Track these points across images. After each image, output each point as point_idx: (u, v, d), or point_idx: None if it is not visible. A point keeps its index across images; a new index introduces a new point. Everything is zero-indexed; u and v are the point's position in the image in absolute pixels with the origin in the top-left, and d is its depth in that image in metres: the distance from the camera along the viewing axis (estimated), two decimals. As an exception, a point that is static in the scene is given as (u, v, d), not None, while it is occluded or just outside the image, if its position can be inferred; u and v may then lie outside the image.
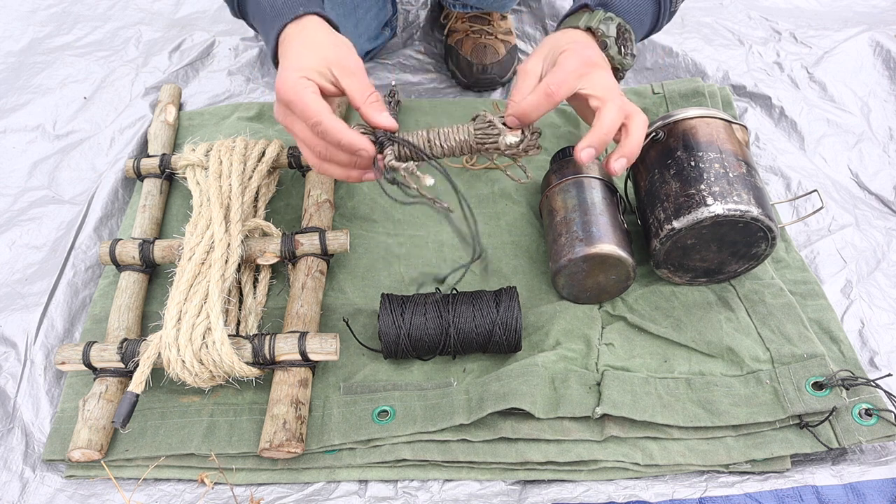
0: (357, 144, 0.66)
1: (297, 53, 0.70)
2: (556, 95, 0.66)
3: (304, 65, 0.68)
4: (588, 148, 0.68)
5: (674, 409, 0.75)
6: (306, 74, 0.68)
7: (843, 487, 0.70)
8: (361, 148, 0.66)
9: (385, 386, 0.79)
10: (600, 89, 0.69)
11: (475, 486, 0.73)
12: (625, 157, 0.71)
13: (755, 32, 1.29)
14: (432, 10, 1.31)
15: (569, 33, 0.75)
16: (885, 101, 1.15)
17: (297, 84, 0.67)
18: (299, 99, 0.66)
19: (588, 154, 0.68)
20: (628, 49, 0.76)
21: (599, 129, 0.68)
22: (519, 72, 0.72)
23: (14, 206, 1.00)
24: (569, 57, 0.68)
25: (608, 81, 0.70)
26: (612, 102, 0.68)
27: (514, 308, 0.78)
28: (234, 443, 0.74)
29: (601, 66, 0.71)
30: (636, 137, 0.70)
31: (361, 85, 0.69)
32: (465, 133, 0.69)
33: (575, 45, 0.70)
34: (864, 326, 0.85)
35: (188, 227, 0.84)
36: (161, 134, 1.06)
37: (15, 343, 0.83)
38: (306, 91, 0.66)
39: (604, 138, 0.68)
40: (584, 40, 0.73)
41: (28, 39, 1.27)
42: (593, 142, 0.68)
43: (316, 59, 0.69)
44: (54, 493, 0.72)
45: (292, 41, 0.72)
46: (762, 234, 0.79)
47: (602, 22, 0.74)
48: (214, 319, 0.74)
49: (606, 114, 0.68)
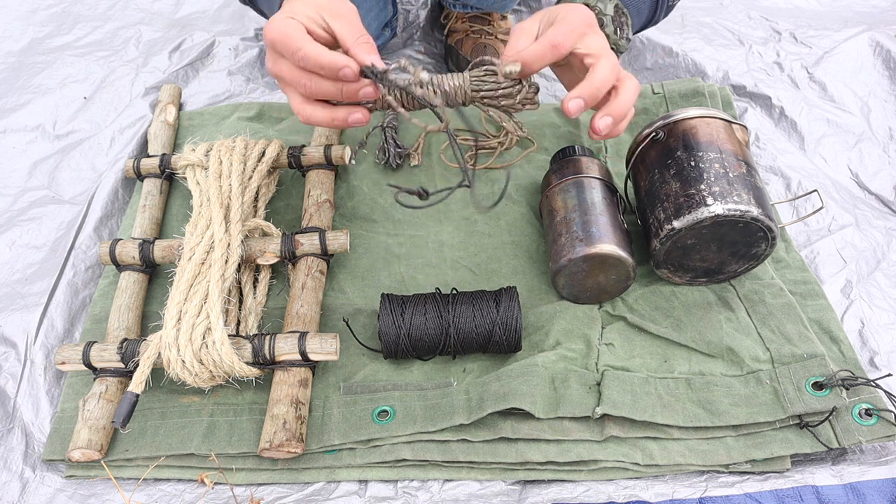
0: (339, 62, 0.63)
1: (291, 4, 0.69)
2: (561, 47, 0.65)
3: (294, 10, 0.67)
4: (577, 98, 0.67)
5: (674, 409, 0.75)
6: (294, 16, 0.67)
7: (843, 487, 0.70)
8: (344, 65, 0.63)
9: (385, 386, 0.79)
10: (596, 48, 0.68)
11: (475, 486, 0.73)
12: (610, 116, 0.69)
13: (755, 32, 1.29)
14: (432, 10, 1.31)
15: (566, 5, 0.74)
16: (885, 101, 1.15)
17: (283, 23, 0.66)
18: (283, 34, 0.65)
19: (576, 105, 0.67)
20: (624, 32, 0.76)
21: (591, 83, 0.66)
22: (515, 29, 0.72)
23: (14, 206, 1.00)
24: (570, 14, 0.68)
25: (604, 43, 0.69)
26: (606, 59, 0.67)
27: (514, 308, 0.78)
28: (234, 443, 0.74)
29: (598, 30, 0.71)
30: (625, 97, 0.69)
31: (352, 27, 0.67)
32: (461, 79, 0.67)
33: (574, 8, 0.70)
34: (864, 326, 0.85)
35: (188, 227, 0.84)
36: (161, 134, 1.06)
37: (15, 343, 0.83)
38: (289, 27, 0.65)
39: (594, 92, 0.67)
40: (583, 10, 0.73)
41: (28, 39, 1.27)
42: (583, 93, 0.67)
43: (308, 6, 0.68)
44: (54, 493, 0.72)
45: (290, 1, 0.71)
46: (762, 234, 0.79)
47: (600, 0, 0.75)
48: (214, 319, 0.74)
49: (600, 69, 0.67)
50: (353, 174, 1.03)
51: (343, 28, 0.68)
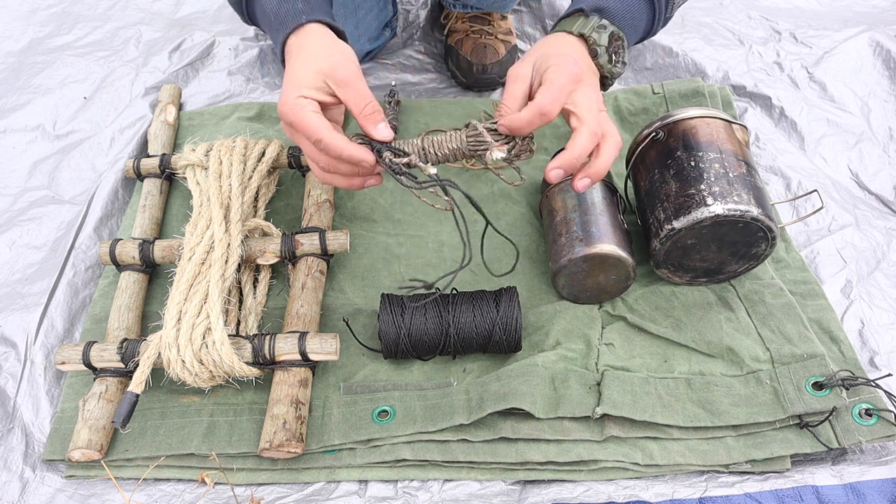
0: (357, 156, 0.68)
1: (295, 69, 0.71)
2: (550, 114, 0.67)
3: (301, 82, 0.70)
4: (557, 169, 0.70)
5: (674, 409, 0.75)
6: (304, 93, 0.70)
7: (843, 487, 0.70)
8: (362, 160, 0.69)
9: (385, 386, 0.79)
10: (581, 108, 0.70)
11: (475, 486, 0.73)
12: (589, 178, 0.72)
13: (755, 32, 1.29)
14: (432, 10, 1.31)
15: (560, 39, 0.75)
16: (885, 101, 1.15)
17: (296, 105, 0.69)
18: (299, 120, 0.69)
19: (556, 174, 0.70)
20: (619, 57, 0.77)
21: (571, 153, 0.69)
22: (509, 76, 0.73)
23: (14, 206, 1.00)
24: (558, 73, 0.69)
25: (590, 99, 0.71)
26: (587, 126, 0.69)
27: (514, 308, 0.78)
28: (234, 443, 0.74)
29: (586, 80, 0.72)
30: (604, 160, 0.71)
31: (357, 95, 0.70)
32: (458, 141, 0.70)
33: (564, 59, 0.71)
34: (864, 326, 0.85)
35: (188, 227, 0.84)
36: (161, 134, 1.06)
37: (15, 343, 0.83)
38: (305, 111, 0.69)
39: (574, 162, 0.69)
40: (575, 50, 0.74)
41: (28, 39, 1.27)
42: (563, 164, 0.69)
43: (312, 74, 0.70)
44: (54, 493, 0.72)
45: (292, 54, 0.74)
46: (762, 234, 0.79)
47: (595, 30, 0.75)
48: (214, 319, 0.74)
49: (580, 139, 0.69)
50: (353, 174, 1.03)
51: (349, 97, 0.70)
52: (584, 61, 0.74)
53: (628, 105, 1.11)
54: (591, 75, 0.74)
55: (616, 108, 1.11)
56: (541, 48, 0.74)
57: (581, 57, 0.74)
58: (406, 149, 0.70)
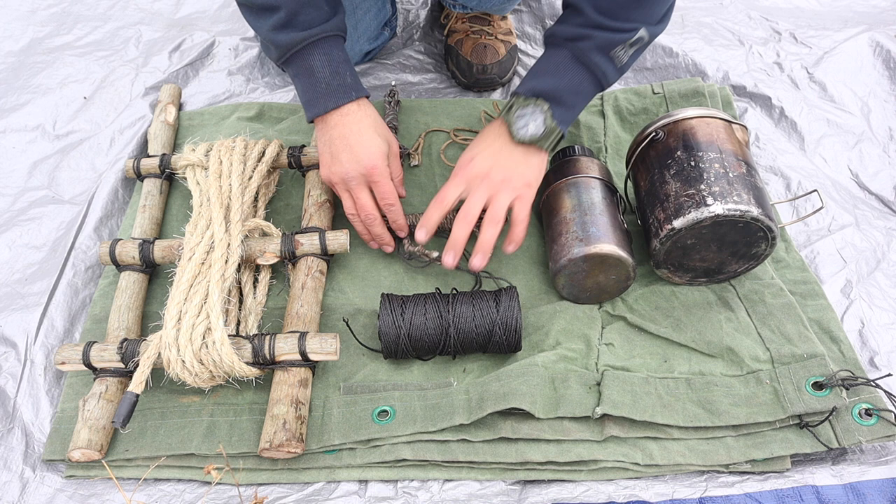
0: (387, 239, 0.89)
1: (367, 128, 0.84)
2: (445, 202, 0.82)
3: (381, 139, 0.85)
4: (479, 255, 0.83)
5: (674, 409, 0.75)
6: (385, 150, 0.85)
7: (843, 487, 0.70)
8: (402, 229, 0.89)
9: (385, 386, 0.79)
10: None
11: (475, 486, 0.73)
12: (514, 243, 0.83)
13: (755, 32, 1.29)
14: (432, 10, 1.31)
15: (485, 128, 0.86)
16: (885, 101, 1.15)
17: (382, 155, 0.84)
18: (383, 177, 0.84)
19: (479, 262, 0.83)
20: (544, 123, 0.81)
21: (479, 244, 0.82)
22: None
23: (14, 206, 1.00)
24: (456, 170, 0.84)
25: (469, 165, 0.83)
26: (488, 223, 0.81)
27: (514, 308, 0.78)
28: (234, 443, 0.74)
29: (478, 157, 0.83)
30: (519, 228, 0.83)
31: (398, 167, 0.90)
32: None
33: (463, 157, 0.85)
34: (864, 326, 0.85)
35: (188, 227, 0.84)
36: (161, 134, 1.06)
37: (15, 343, 0.83)
38: (386, 169, 0.85)
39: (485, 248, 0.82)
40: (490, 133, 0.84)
41: (28, 39, 1.27)
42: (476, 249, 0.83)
43: (383, 140, 0.86)
44: (54, 493, 0.72)
45: (357, 118, 0.85)
46: (762, 234, 0.79)
47: (506, 111, 0.82)
48: (214, 319, 0.74)
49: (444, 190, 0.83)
50: (353, 174, 1.03)
51: (396, 168, 0.89)
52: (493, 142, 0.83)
53: (628, 105, 1.11)
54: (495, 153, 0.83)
55: (616, 108, 1.11)
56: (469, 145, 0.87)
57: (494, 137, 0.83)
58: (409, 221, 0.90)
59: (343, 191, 0.87)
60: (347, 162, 0.83)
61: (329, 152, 0.85)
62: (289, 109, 1.14)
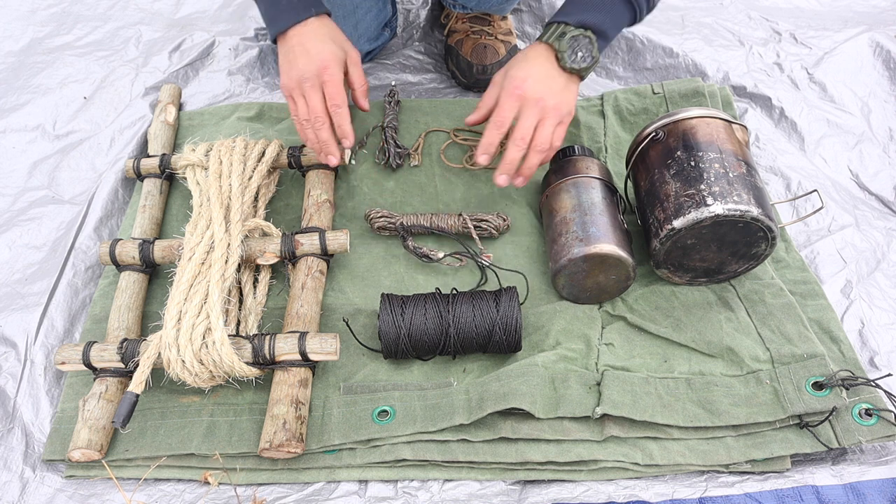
0: (348, 134, 0.89)
1: (322, 42, 0.87)
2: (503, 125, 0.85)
3: (333, 52, 0.87)
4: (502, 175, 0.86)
5: (674, 409, 0.75)
6: (339, 55, 0.88)
7: (843, 487, 0.70)
8: (346, 135, 0.89)
9: (385, 386, 0.79)
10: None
11: (475, 486, 0.73)
12: (540, 164, 0.87)
13: (755, 33, 1.29)
14: (432, 10, 1.31)
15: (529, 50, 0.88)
16: (885, 102, 1.15)
17: (333, 64, 0.86)
18: (333, 78, 0.86)
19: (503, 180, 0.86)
20: (588, 52, 0.86)
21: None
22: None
23: (14, 206, 1.00)
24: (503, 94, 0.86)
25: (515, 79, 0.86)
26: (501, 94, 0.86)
27: (514, 308, 0.78)
28: (234, 443, 0.74)
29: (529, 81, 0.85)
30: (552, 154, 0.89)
31: (361, 75, 0.94)
32: (454, 219, 0.94)
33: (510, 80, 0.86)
34: (864, 326, 0.85)
35: (188, 227, 0.84)
36: (161, 134, 1.06)
37: (15, 343, 0.83)
38: (339, 74, 0.87)
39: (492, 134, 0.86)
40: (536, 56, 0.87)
41: (28, 39, 1.27)
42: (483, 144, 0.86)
43: (338, 50, 0.89)
44: (54, 493, 0.72)
45: (315, 28, 0.88)
46: (762, 234, 0.79)
47: (556, 38, 0.85)
48: (214, 319, 0.74)
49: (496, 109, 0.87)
50: (353, 174, 1.03)
51: (355, 74, 0.93)
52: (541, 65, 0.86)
53: (628, 105, 1.11)
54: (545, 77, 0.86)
55: (616, 108, 1.11)
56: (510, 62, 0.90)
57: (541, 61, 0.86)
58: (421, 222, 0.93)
59: (299, 96, 0.88)
60: (303, 64, 0.86)
61: (287, 61, 0.89)
62: (289, 109, 1.13)
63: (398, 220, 0.94)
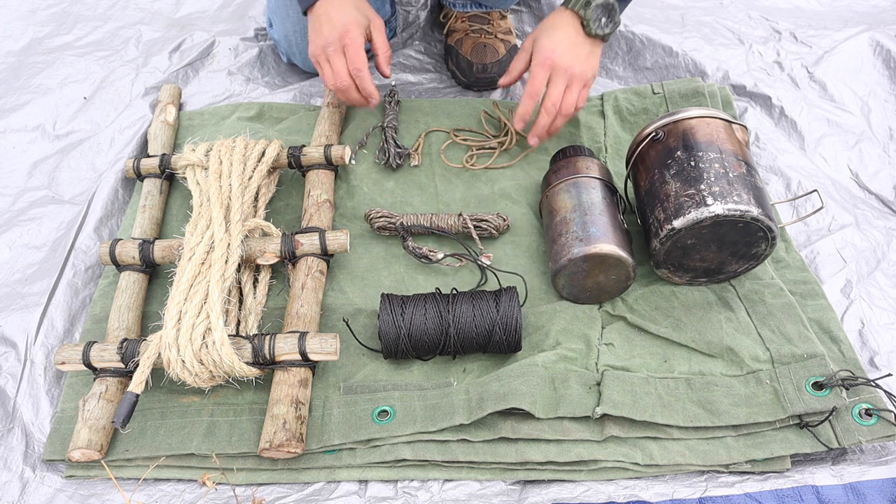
0: (372, 93, 0.95)
1: (347, 4, 0.92)
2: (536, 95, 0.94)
3: (355, 17, 0.92)
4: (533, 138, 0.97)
5: (674, 409, 0.75)
6: (360, 21, 0.92)
7: (843, 487, 0.70)
8: (371, 95, 0.95)
9: (385, 386, 0.79)
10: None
11: (475, 486, 0.73)
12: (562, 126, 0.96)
13: (755, 32, 1.29)
14: (432, 10, 1.31)
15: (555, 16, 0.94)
16: (885, 101, 1.15)
17: (356, 23, 0.91)
18: (354, 42, 0.91)
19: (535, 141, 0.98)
20: (611, 18, 0.92)
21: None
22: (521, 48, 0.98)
23: (14, 206, 1.00)
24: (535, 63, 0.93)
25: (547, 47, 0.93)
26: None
27: (514, 308, 0.78)
28: (234, 443, 0.74)
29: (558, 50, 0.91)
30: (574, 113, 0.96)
31: (385, 41, 0.97)
32: (454, 219, 0.94)
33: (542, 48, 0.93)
34: (864, 326, 0.85)
35: (188, 227, 0.84)
36: (161, 134, 1.06)
37: (15, 343, 0.83)
38: (361, 39, 0.92)
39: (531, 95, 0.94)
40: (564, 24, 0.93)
41: (28, 39, 1.27)
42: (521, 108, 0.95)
43: (361, 16, 0.93)
44: (54, 493, 0.72)
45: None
46: (762, 234, 0.79)
47: (582, 7, 0.91)
48: (214, 319, 0.74)
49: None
50: (353, 174, 1.03)
51: (379, 40, 0.97)
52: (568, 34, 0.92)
53: (628, 105, 1.11)
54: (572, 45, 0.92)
55: (616, 108, 1.11)
56: (538, 30, 0.96)
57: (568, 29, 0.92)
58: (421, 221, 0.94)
59: (324, 62, 0.93)
60: (327, 31, 0.91)
61: (314, 29, 0.94)
62: (289, 109, 1.14)
63: (398, 220, 0.93)
